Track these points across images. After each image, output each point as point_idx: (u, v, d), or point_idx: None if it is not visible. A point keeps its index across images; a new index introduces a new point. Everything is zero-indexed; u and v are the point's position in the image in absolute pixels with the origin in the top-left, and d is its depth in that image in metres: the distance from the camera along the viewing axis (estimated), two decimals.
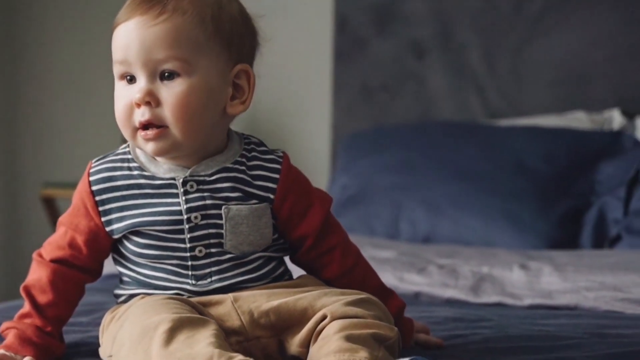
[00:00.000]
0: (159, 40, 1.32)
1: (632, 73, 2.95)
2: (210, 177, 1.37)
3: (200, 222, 1.36)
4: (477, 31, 3.11)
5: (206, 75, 1.35)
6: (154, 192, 1.37)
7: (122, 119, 1.36)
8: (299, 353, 1.32)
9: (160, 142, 1.34)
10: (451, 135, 2.79)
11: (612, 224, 2.46)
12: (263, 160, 1.41)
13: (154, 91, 1.33)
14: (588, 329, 1.66)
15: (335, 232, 1.45)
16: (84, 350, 1.49)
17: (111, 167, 1.40)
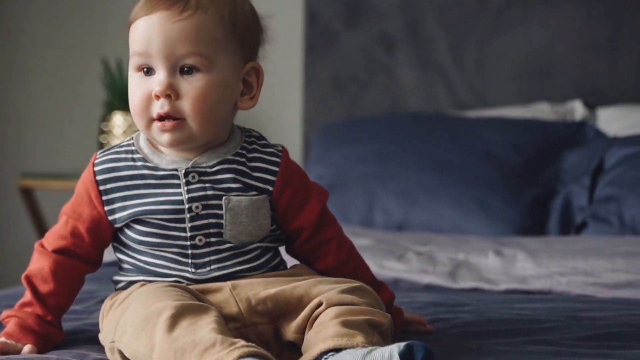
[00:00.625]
0: (183, 35, 1.34)
1: (592, 66, 2.99)
2: (211, 169, 1.39)
3: (201, 212, 1.37)
4: (444, 25, 3.14)
5: (223, 71, 1.37)
6: (157, 182, 1.38)
7: (138, 109, 1.37)
8: (295, 339, 1.34)
9: (176, 134, 1.36)
10: (422, 126, 2.82)
11: (577, 212, 2.50)
12: (263, 153, 1.43)
13: (174, 85, 1.35)
14: (563, 313, 1.70)
15: (331, 225, 1.47)
16: (81, 338, 1.50)
17: (115, 158, 1.41)
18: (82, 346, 1.44)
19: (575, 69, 3.01)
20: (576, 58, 3.01)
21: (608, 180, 2.48)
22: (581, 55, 3.00)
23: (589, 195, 2.51)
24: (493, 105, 3.06)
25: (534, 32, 3.04)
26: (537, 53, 3.04)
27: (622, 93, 2.95)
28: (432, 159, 2.65)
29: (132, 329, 1.27)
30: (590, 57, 2.99)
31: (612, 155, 2.55)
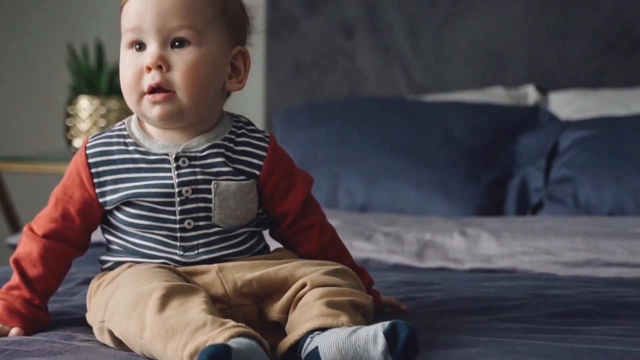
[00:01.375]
0: (174, 9, 1.35)
1: (545, 51, 3.02)
2: (201, 153, 1.39)
3: (191, 195, 1.38)
4: (402, 11, 3.15)
5: (213, 48, 1.37)
6: (148, 166, 1.38)
7: (129, 84, 1.37)
8: (279, 319, 1.35)
9: (166, 106, 1.36)
10: (383, 110, 2.83)
11: (533, 192, 2.53)
12: (251, 138, 1.44)
13: (165, 57, 1.35)
14: (528, 291, 1.73)
15: (315, 211, 1.48)
16: (66, 319, 1.49)
17: (108, 142, 1.41)
18: (68, 328, 1.43)
19: (528, 54, 3.05)
20: (529, 44, 3.04)
21: (563, 163, 2.52)
22: (533, 41, 3.04)
23: (545, 176, 2.54)
24: (450, 90, 3.08)
25: (488, 19, 3.07)
26: (491, 39, 3.07)
27: (572, 78, 3.00)
28: (393, 141, 2.67)
29: (123, 309, 1.27)
30: (542, 43, 3.03)
31: (566, 138, 2.59)
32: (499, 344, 1.33)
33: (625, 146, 2.47)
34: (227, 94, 1.46)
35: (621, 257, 1.87)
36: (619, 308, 1.57)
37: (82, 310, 1.53)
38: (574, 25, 3.00)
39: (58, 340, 1.35)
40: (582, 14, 2.99)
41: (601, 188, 2.40)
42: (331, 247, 1.49)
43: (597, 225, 2.12)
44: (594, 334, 1.39)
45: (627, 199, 2.37)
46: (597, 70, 2.98)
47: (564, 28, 3.01)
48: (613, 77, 2.96)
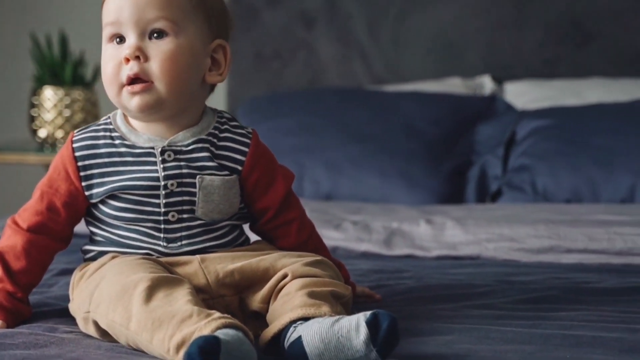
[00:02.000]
0: (151, 1, 1.35)
1: (499, 43, 3.05)
2: (186, 147, 1.39)
3: (176, 189, 1.37)
4: (361, 3, 3.15)
5: (192, 39, 1.37)
6: (134, 159, 1.38)
7: (110, 76, 1.37)
8: (260, 309, 1.35)
9: (145, 96, 1.35)
10: (345, 100, 2.83)
11: (492, 180, 2.55)
12: (234, 134, 1.44)
13: (143, 48, 1.35)
14: (495, 277, 1.75)
15: (295, 207, 1.49)
16: (46, 311, 1.48)
17: (94, 136, 1.40)
18: (50, 319, 1.42)
19: (483, 45, 3.07)
20: (484, 35, 3.06)
21: (520, 151, 2.54)
22: (489, 33, 3.06)
23: (503, 165, 2.57)
24: (408, 80, 3.09)
25: (445, 11, 3.08)
26: (448, 30, 3.08)
27: (527, 68, 3.02)
28: (356, 131, 2.67)
29: (108, 300, 1.27)
30: (497, 34, 3.05)
31: (523, 128, 2.62)
32: (473, 330, 1.35)
33: (580, 135, 2.50)
34: (210, 88, 1.45)
35: (581, 244, 1.90)
36: (583, 294, 1.59)
37: (61, 302, 1.52)
38: (528, 17, 3.02)
39: (41, 332, 1.34)
40: (535, 7, 3.02)
41: (558, 176, 2.43)
42: (310, 242, 1.50)
43: (556, 212, 2.15)
44: (563, 319, 1.41)
45: (583, 186, 2.40)
46: (549, 61, 3.01)
47: (518, 20, 3.03)
48: (565, 67, 2.99)
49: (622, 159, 2.40)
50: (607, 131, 2.49)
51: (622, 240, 1.88)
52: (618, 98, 2.72)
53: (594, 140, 2.47)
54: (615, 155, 2.41)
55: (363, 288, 1.58)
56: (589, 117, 2.58)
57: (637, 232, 1.89)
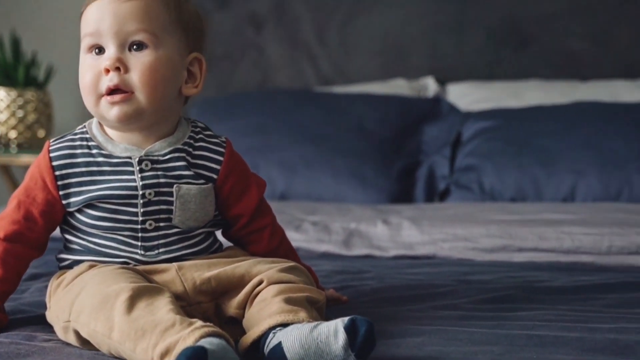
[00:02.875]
0: (132, 14, 1.33)
1: (442, 46, 3.08)
2: (163, 157, 1.38)
3: (153, 198, 1.36)
4: (309, 6, 3.15)
5: (170, 52, 1.36)
6: (112, 169, 1.36)
7: (88, 86, 1.35)
8: (236, 314, 1.35)
9: (125, 106, 1.33)
10: (296, 101, 2.83)
11: (440, 180, 2.58)
12: (209, 143, 1.43)
13: (123, 59, 1.33)
14: (453, 277, 1.77)
15: (267, 214, 1.49)
16: (21, 318, 1.45)
17: (71, 145, 1.38)
18: (26, 327, 1.39)
19: (427, 48, 3.09)
20: (428, 38, 3.09)
21: (467, 152, 2.57)
22: (432, 36, 3.08)
23: (450, 164, 2.60)
24: (355, 81, 3.11)
25: (390, 15, 3.10)
26: (393, 33, 3.10)
27: (468, 70, 3.06)
28: (308, 132, 2.68)
29: (89, 310, 1.25)
30: (440, 37, 3.08)
31: (468, 129, 2.65)
32: (441, 332, 1.36)
33: (523, 136, 2.54)
34: (184, 99, 1.44)
35: (532, 243, 1.93)
36: (539, 293, 1.62)
37: (35, 308, 1.49)
38: (469, 21, 3.06)
39: (21, 341, 1.31)
40: (476, 11, 3.05)
41: (503, 175, 2.47)
42: (281, 248, 1.50)
43: (505, 211, 2.18)
44: (524, 319, 1.43)
45: (527, 185, 2.44)
46: (490, 63, 3.05)
47: (459, 24, 3.07)
48: (504, 69, 3.04)
49: (563, 159, 2.44)
50: (548, 132, 2.53)
51: (570, 239, 1.92)
52: (555, 99, 2.77)
53: (536, 141, 2.51)
54: (556, 155, 2.46)
55: (331, 291, 1.59)
56: (530, 118, 2.62)
57: (584, 231, 1.93)
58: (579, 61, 2.98)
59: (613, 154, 2.42)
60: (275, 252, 1.48)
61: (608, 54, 2.96)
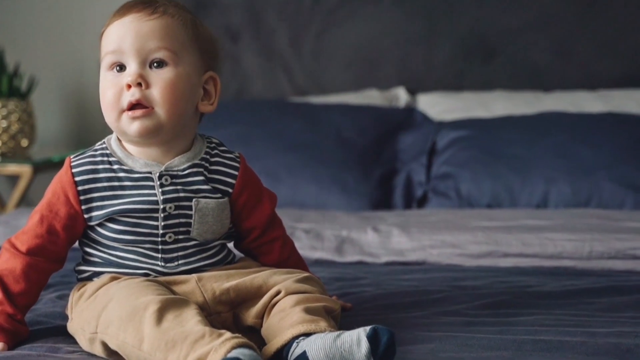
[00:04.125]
0: (153, 32, 1.33)
1: (412, 57, 3.09)
2: (182, 172, 1.37)
3: (174, 211, 1.35)
4: (284, 19, 3.15)
5: (188, 70, 1.35)
6: (133, 184, 1.35)
7: (110, 102, 1.34)
8: (254, 323, 1.35)
9: (146, 121, 1.32)
10: (276, 111, 2.82)
11: (417, 186, 2.59)
12: (224, 158, 1.43)
13: (144, 75, 1.33)
14: (445, 282, 1.77)
15: (278, 226, 1.49)
16: (41, 330, 1.44)
17: (92, 161, 1.37)
18: (48, 338, 1.38)
19: (397, 59, 3.10)
20: (398, 50, 3.10)
21: (443, 160, 2.59)
22: (402, 48, 3.09)
23: (427, 172, 2.61)
24: (329, 91, 3.11)
25: (362, 27, 3.11)
26: (365, 45, 3.11)
27: (437, 81, 3.07)
28: (289, 141, 2.67)
29: (118, 322, 1.24)
30: (409, 49, 3.09)
31: (443, 138, 2.66)
32: (451, 338, 1.36)
33: (496, 145, 2.57)
34: (199, 116, 1.43)
35: (516, 249, 1.95)
36: (532, 298, 1.63)
37: (52, 319, 1.47)
38: (437, 34, 3.08)
39: (46, 353, 1.30)
40: (444, 24, 3.07)
41: (480, 183, 2.48)
42: (291, 259, 1.50)
43: (484, 218, 2.19)
44: (526, 324, 1.45)
45: (502, 192, 2.46)
46: (458, 74, 3.07)
47: (428, 36, 3.08)
48: (471, 80, 3.06)
49: (535, 167, 2.47)
50: (519, 141, 2.56)
51: (553, 245, 1.94)
52: (521, 109, 2.80)
53: (509, 150, 2.54)
54: (529, 163, 2.48)
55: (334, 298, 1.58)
56: (501, 128, 2.64)
57: (566, 237, 1.96)
58: (541, 73, 3.01)
59: (582, 162, 2.46)
60: (286, 262, 1.48)
61: (569, 66, 3.00)
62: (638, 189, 2.41)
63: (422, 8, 3.07)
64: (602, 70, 2.98)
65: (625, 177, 2.43)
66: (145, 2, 1.36)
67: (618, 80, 2.96)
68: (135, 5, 1.36)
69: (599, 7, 2.97)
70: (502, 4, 3.01)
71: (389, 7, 3.09)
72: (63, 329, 1.41)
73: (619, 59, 2.97)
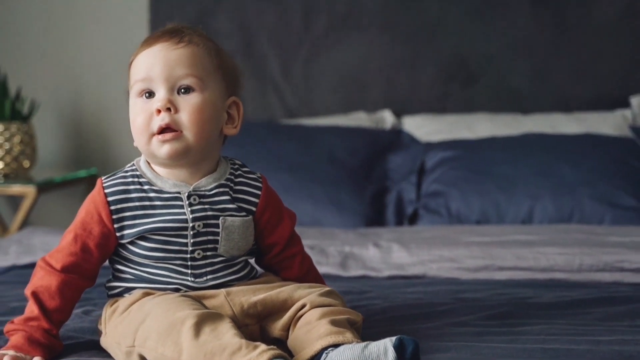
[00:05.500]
0: (180, 60, 1.35)
1: (397, 81, 3.13)
2: (209, 192, 1.38)
3: (202, 229, 1.36)
4: (275, 45, 3.17)
5: (213, 95, 1.37)
6: (163, 203, 1.36)
7: (141, 127, 1.35)
8: (280, 335, 1.36)
9: (175, 144, 1.34)
10: (269, 133, 2.84)
11: (408, 204, 2.62)
12: (248, 179, 1.44)
13: (173, 101, 1.35)
14: (448, 295, 1.79)
15: (298, 242, 1.50)
16: (72, 344, 1.44)
17: (124, 182, 1.38)
18: (82, 353, 1.38)
19: (383, 83, 3.14)
20: (383, 74, 3.13)
21: (433, 179, 2.62)
22: (387, 72, 3.13)
23: (417, 190, 2.64)
24: (318, 113, 3.13)
25: (349, 53, 3.14)
26: (353, 70, 3.14)
27: (421, 103, 3.11)
28: (284, 161, 2.69)
29: (156, 336, 1.24)
30: (394, 74, 3.13)
31: (432, 158, 2.70)
32: (465, 348, 1.38)
33: (483, 164, 2.61)
34: (223, 139, 1.45)
35: (511, 262, 1.98)
36: (532, 309, 1.66)
37: (80, 334, 1.47)
38: (421, 59, 3.12)
39: None
40: (427, 50, 3.12)
41: (469, 201, 2.52)
42: (310, 274, 1.52)
43: (474, 233, 2.23)
44: (532, 334, 1.47)
45: (490, 209, 2.50)
46: (441, 97, 3.11)
47: (412, 62, 3.12)
48: (454, 103, 3.10)
49: (520, 185, 2.51)
50: (505, 161, 2.60)
51: (546, 258, 1.97)
52: (502, 130, 2.84)
53: (495, 169, 2.58)
54: (514, 182, 2.52)
55: None
56: (487, 148, 2.68)
57: (558, 251, 1.99)
58: (520, 96, 3.06)
59: (564, 180, 2.50)
60: (305, 277, 1.50)
61: (545, 89, 3.05)
62: (616, 205, 2.46)
63: (406, 35, 3.12)
64: (576, 93, 3.04)
65: (604, 195, 2.48)
66: (172, 31, 1.38)
67: (591, 103, 3.03)
68: (163, 35, 1.38)
69: (573, 34, 3.03)
70: (482, 31, 3.07)
71: (375, 33, 3.13)
72: (93, 343, 1.41)
73: (591, 83, 3.04)
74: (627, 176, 2.54)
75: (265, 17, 3.16)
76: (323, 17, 3.12)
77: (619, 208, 2.45)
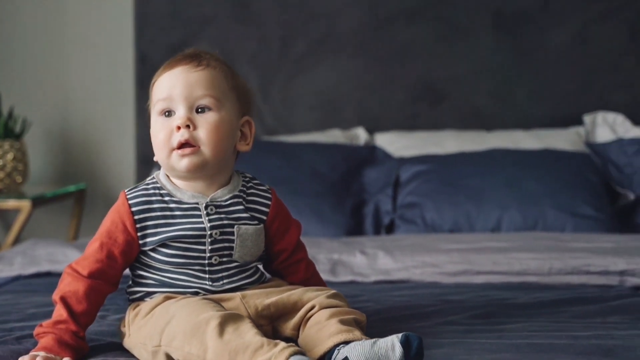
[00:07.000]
0: (199, 82, 1.40)
1: (369, 101, 3.19)
2: (225, 202, 1.43)
3: (219, 237, 1.41)
4: (255, 67, 3.22)
5: (229, 114, 1.43)
6: (182, 213, 1.41)
7: (162, 142, 1.40)
8: (291, 335, 1.41)
9: (193, 158, 1.39)
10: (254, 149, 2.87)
11: (385, 215, 2.69)
12: (259, 190, 1.49)
13: (192, 118, 1.40)
14: (433, 297, 1.85)
15: (303, 249, 1.56)
16: (96, 346, 1.46)
17: (146, 193, 1.43)
18: (107, 354, 1.41)
19: (356, 102, 3.21)
20: (357, 94, 3.20)
21: (408, 191, 2.69)
22: (361, 93, 3.20)
23: (393, 202, 2.70)
24: (296, 131, 3.19)
25: (325, 75, 3.20)
26: (328, 90, 3.20)
27: (392, 121, 3.18)
28: (269, 176, 2.71)
29: (182, 336, 1.28)
30: (367, 94, 3.20)
31: (406, 172, 2.77)
32: (458, 344, 1.44)
33: (454, 178, 2.68)
34: (236, 154, 1.50)
35: (487, 267, 2.05)
36: (512, 308, 1.72)
37: (102, 337, 1.51)
38: (391, 81, 3.19)
39: None
40: (397, 72, 3.19)
41: (442, 211, 2.59)
42: (313, 278, 1.58)
43: (450, 241, 2.29)
44: (517, 331, 1.53)
45: (462, 219, 2.58)
46: (410, 116, 3.18)
47: (383, 83, 3.20)
48: (422, 121, 3.18)
49: (489, 197, 2.59)
50: (474, 174, 2.68)
51: (519, 263, 2.05)
52: (469, 146, 2.92)
53: (465, 182, 2.65)
54: (483, 193, 2.60)
55: None
56: (457, 163, 2.76)
57: (530, 256, 2.07)
58: (483, 114, 3.15)
59: (529, 192, 2.59)
60: (309, 281, 1.55)
61: (507, 108, 3.15)
62: (576, 214, 2.56)
63: (378, 58, 3.19)
64: (535, 112, 3.14)
65: (565, 205, 2.57)
66: (192, 55, 1.44)
67: (548, 121, 3.13)
68: (184, 58, 1.43)
69: (531, 58, 3.14)
70: (448, 55, 3.16)
71: (349, 57, 3.20)
72: (115, 345, 1.45)
73: (548, 102, 3.14)
74: (585, 188, 2.64)
75: (246, 42, 3.21)
76: (300, 42, 3.19)
77: (579, 217, 2.55)
